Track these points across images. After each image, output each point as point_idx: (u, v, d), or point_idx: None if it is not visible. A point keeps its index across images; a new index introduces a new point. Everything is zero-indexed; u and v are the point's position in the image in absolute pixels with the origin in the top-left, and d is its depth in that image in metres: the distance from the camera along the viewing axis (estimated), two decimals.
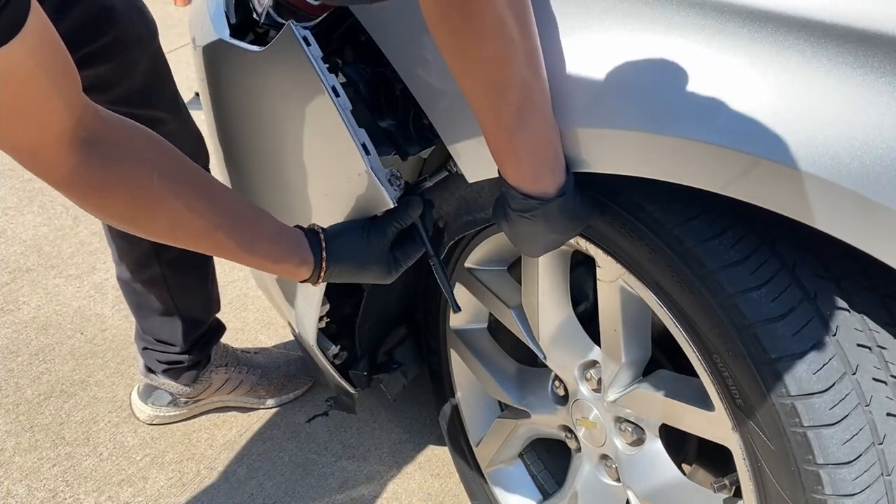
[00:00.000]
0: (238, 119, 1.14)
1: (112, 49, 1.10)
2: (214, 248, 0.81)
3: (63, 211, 2.27)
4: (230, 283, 2.00)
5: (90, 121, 0.68)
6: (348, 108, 0.87)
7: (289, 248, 0.85)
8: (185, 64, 1.36)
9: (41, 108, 0.62)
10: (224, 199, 0.81)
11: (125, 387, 1.69)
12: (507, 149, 0.72)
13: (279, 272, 0.87)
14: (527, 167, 0.72)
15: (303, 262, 0.86)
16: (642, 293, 0.82)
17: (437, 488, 1.50)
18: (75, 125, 0.65)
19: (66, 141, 0.65)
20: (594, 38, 0.69)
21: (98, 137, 0.68)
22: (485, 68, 0.66)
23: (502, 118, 0.69)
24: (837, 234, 0.57)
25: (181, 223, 0.76)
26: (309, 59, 0.87)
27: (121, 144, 0.71)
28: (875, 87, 0.54)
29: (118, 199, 0.72)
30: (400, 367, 1.39)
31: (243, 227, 0.82)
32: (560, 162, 0.73)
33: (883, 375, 0.70)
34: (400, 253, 0.90)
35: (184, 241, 0.79)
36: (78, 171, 0.67)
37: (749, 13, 0.59)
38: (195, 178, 0.78)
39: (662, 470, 0.97)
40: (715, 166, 0.62)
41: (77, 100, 0.66)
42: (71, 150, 0.66)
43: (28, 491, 1.45)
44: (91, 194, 0.71)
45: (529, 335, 1.06)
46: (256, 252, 0.83)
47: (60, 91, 0.63)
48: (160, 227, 0.76)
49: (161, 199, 0.73)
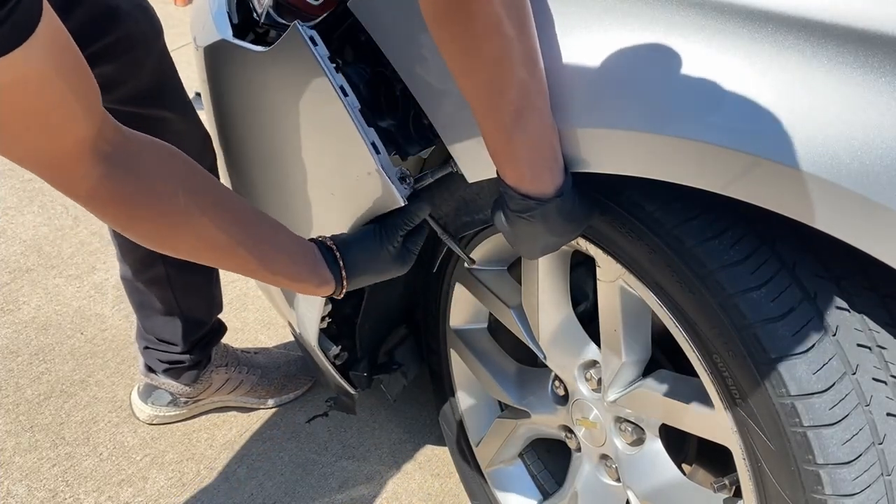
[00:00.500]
0: (241, 119, 1.14)
1: (117, 48, 1.09)
2: (236, 265, 0.81)
3: (63, 211, 2.27)
4: (230, 283, 2.00)
5: (112, 135, 0.67)
6: (357, 107, 0.87)
7: (306, 267, 0.85)
8: (185, 64, 1.36)
9: (61, 114, 0.61)
10: (247, 216, 0.81)
11: (125, 387, 1.69)
12: (505, 149, 0.72)
13: (299, 290, 0.88)
14: (525, 167, 0.72)
15: (323, 282, 0.87)
16: (642, 293, 0.82)
17: (437, 488, 1.50)
18: (96, 136, 0.65)
19: (88, 151, 0.64)
20: (594, 38, 0.69)
21: (121, 152, 0.68)
22: (483, 68, 0.66)
23: (501, 118, 0.69)
24: (837, 234, 0.57)
25: (206, 240, 0.76)
26: (316, 58, 0.87)
27: (145, 159, 0.71)
28: (875, 87, 0.54)
29: (145, 213, 0.71)
30: (400, 367, 1.39)
31: (264, 244, 0.82)
32: (559, 162, 0.73)
33: (883, 375, 0.70)
34: (411, 242, 0.92)
35: (208, 257, 0.79)
36: (103, 185, 0.66)
37: (749, 13, 0.59)
38: (218, 192, 0.79)
39: (662, 470, 0.97)
40: (715, 166, 0.62)
41: (97, 108, 0.65)
42: (94, 163, 0.65)
43: (28, 491, 1.45)
44: (118, 209, 0.70)
45: (529, 335, 1.06)
46: (276, 271, 0.83)
47: (78, 96, 0.62)
48: (186, 243, 0.76)
49: (187, 213, 0.73)
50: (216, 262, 0.80)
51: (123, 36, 1.09)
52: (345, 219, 0.96)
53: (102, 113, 0.66)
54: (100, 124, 0.65)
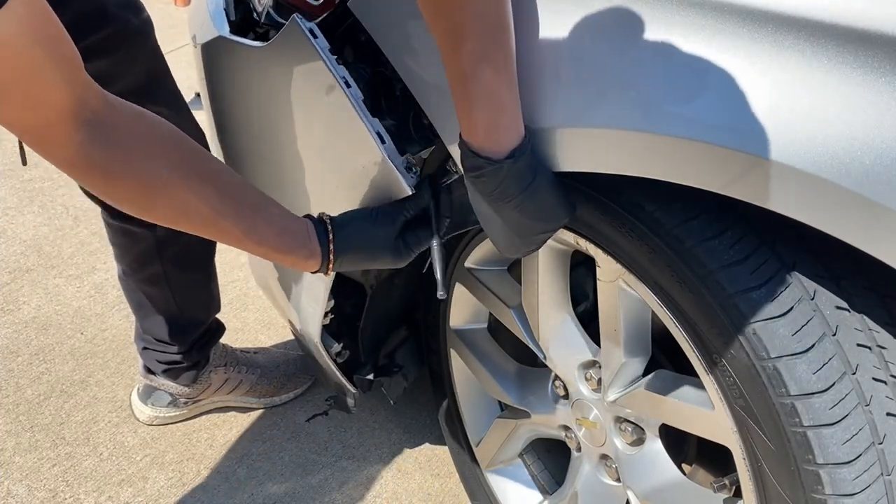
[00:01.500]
0: (240, 115, 1.14)
1: (107, 45, 1.10)
2: (220, 235, 0.81)
3: (63, 211, 2.27)
4: (230, 283, 2.00)
5: (95, 103, 0.68)
6: (360, 97, 0.87)
7: (297, 238, 0.85)
8: (185, 63, 1.36)
9: (40, 83, 0.62)
10: (232, 186, 0.81)
11: (125, 387, 1.69)
12: (461, 95, 0.73)
13: (287, 263, 0.87)
14: (478, 119, 0.73)
15: (311, 255, 0.86)
16: (642, 293, 0.82)
17: (437, 488, 1.50)
18: (78, 104, 0.65)
19: (69, 119, 0.65)
20: (594, 38, 0.69)
21: (104, 121, 0.68)
22: (445, 12, 0.68)
23: (460, 63, 0.70)
24: (837, 234, 0.57)
25: (188, 210, 0.76)
26: (317, 51, 0.87)
27: (128, 129, 0.71)
28: (875, 87, 0.54)
29: (125, 182, 0.72)
30: (401, 369, 1.39)
31: (250, 215, 0.82)
32: (515, 126, 0.73)
33: (883, 375, 0.70)
34: (411, 237, 0.90)
35: (190, 226, 0.79)
36: (83, 152, 0.67)
37: (749, 13, 0.59)
38: (204, 163, 0.78)
39: (662, 470, 0.97)
40: (715, 166, 0.62)
41: (78, 76, 0.66)
42: (75, 130, 0.66)
43: (28, 491, 1.45)
44: (97, 176, 0.71)
45: (529, 335, 1.06)
46: (263, 241, 0.83)
47: (58, 64, 0.63)
48: (167, 212, 0.77)
49: (169, 184, 0.74)
50: (198, 231, 0.80)
51: (113, 33, 1.11)
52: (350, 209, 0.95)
53: (85, 81, 0.66)
54: (81, 92, 0.66)
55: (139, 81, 1.17)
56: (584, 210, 0.83)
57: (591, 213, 0.82)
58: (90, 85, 0.67)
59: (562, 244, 0.94)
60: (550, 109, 0.73)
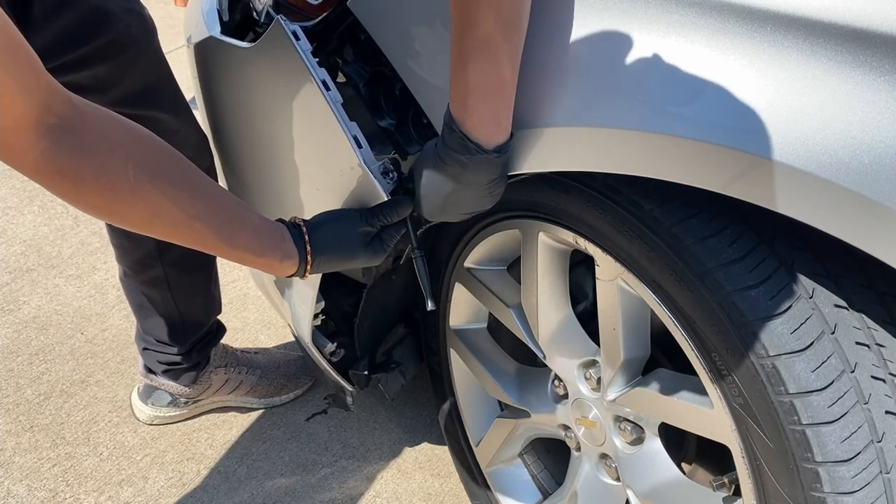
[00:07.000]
0: (229, 115, 1.15)
1: (108, 50, 1.09)
2: (193, 240, 0.80)
3: (63, 211, 2.27)
4: (230, 283, 2.00)
5: (61, 108, 0.66)
6: (339, 101, 0.87)
7: (271, 242, 0.84)
8: (185, 64, 1.36)
9: None
10: (205, 190, 0.80)
11: (125, 387, 1.69)
12: (459, 78, 0.73)
13: (264, 267, 0.86)
14: (472, 106, 0.73)
15: (286, 257, 0.86)
16: (641, 292, 0.82)
17: (437, 488, 1.50)
18: (40, 109, 0.64)
19: (30, 126, 0.64)
20: (594, 38, 0.69)
21: (69, 125, 0.67)
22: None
23: (463, 46, 0.71)
24: (836, 233, 0.58)
25: (159, 214, 0.75)
26: (299, 53, 0.87)
27: (94, 133, 0.70)
28: (875, 87, 0.54)
29: (91, 187, 0.70)
30: (398, 366, 1.39)
31: (224, 218, 0.81)
32: (505, 124, 0.74)
33: (881, 373, 0.70)
34: (386, 234, 0.90)
35: (161, 231, 0.78)
36: (46, 158, 0.66)
37: (749, 13, 0.60)
38: (175, 167, 0.77)
39: (662, 469, 0.97)
40: (715, 166, 0.62)
41: (37, 84, 0.64)
42: (38, 136, 0.64)
43: (28, 491, 1.45)
44: (62, 182, 0.69)
45: (529, 335, 1.07)
46: (237, 245, 0.82)
47: (11, 74, 0.61)
48: (137, 217, 0.75)
49: (137, 189, 0.72)
50: (171, 236, 0.79)
51: (114, 38, 1.09)
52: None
53: (47, 86, 0.65)
54: (43, 97, 0.64)
55: (138, 87, 1.16)
56: (584, 209, 0.83)
57: (591, 213, 0.82)
58: (54, 89, 0.66)
59: (561, 244, 0.95)
60: (550, 108, 0.73)
